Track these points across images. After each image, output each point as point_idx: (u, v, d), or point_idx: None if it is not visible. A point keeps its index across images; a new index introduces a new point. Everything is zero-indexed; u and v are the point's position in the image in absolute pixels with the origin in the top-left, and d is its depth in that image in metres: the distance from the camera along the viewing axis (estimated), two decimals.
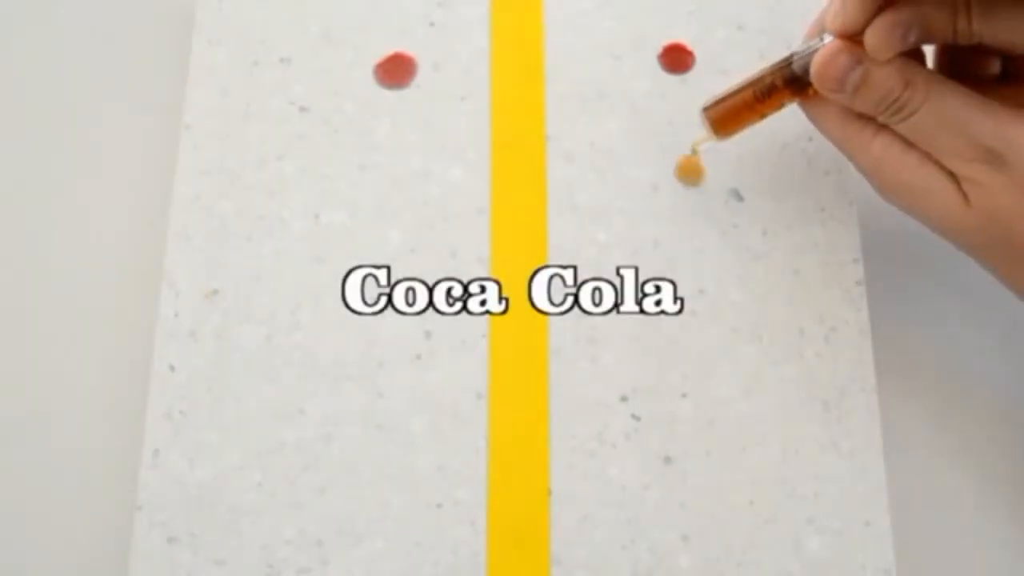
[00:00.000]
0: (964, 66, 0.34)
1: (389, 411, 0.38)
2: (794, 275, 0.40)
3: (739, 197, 0.41)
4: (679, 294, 0.39)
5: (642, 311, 0.39)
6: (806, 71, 0.34)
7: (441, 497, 0.37)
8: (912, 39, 0.31)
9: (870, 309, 0.39)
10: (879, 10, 0.31)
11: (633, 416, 0.38)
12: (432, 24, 0.44)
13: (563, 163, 0.41)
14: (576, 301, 0.39)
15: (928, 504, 0.39)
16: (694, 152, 0.40)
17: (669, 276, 0.39)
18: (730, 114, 0.37)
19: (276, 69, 0.43)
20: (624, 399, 0.38)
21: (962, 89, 0.31)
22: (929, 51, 0.35)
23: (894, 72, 0.31)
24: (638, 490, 0.37)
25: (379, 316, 0.39)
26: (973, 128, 0.30)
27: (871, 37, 0.31)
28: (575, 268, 0.40)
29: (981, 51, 0.33)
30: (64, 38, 0.46)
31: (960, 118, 0.31)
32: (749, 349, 0.39)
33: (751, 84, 0.36)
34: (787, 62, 0.35)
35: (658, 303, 0.39)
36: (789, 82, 0.35)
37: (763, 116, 0.37)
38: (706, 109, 0.37)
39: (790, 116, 0.37)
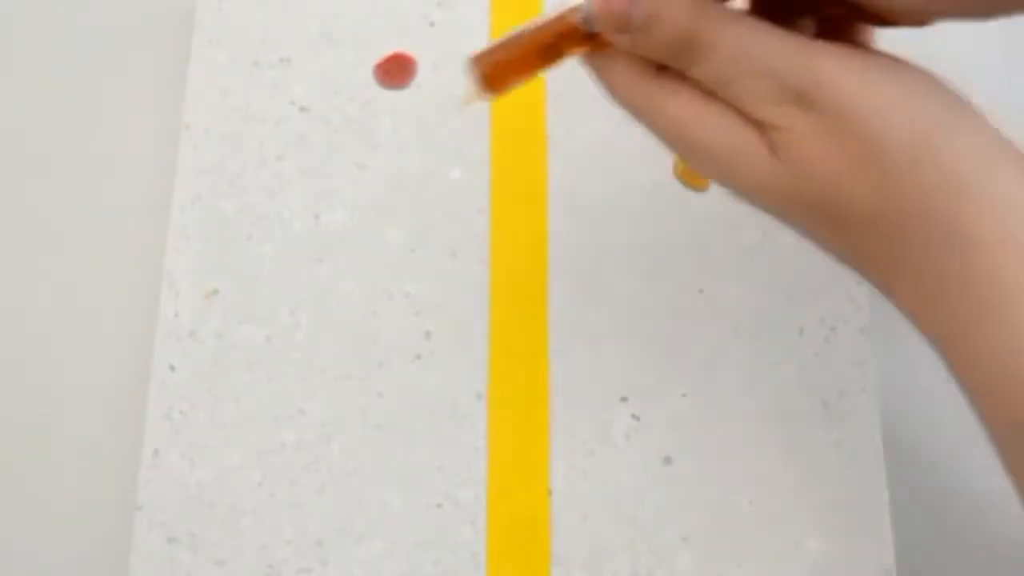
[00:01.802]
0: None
1: (389, 411, 0.38)
2: (794, 275, 0.40)
3: None
4: (679, 294, 0.39)
5: (642, 311, 0.39)
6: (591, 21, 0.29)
7: (441, 497, 0.37)
8: None
9: (870, 309, 0.39)
10: None
11: (633, 416, 0.38)
12: (432, 24, 0.44)
13: (563, 163, 0.41)
14: (576, 301, 0.39)
15: (928, 504, 0.39)
16: (462, 108, 0.35)
17: (669, 276, 0.39)
18: (504, 69, 0.31)
19: (276, 69, 0.43)
20: (624, 399, 0.38)
21: (763, 23, 0.27)
22: None
23: (685, 3, 0.27)
24: (638, 490, 0.37)
25: (379, 316, 0.39)
26: (777, 66, 0.26)
27: None
28: (576, 268, 0.40)
29: (795, 4, 0.29)
30: (64, 38, 0.46)
31: (762, 55, 0.27)
32: (749, 349, 0.39)
33: (529, 35, 0.30)
34: (571, 10, 0.29)
35: (658, 303, 0.39)
36: (573, 32, 0.30)
37: (541, 70, 0.31)
38: (475, 61, 0.31)
39: None
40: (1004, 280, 0.25)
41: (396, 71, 0.43)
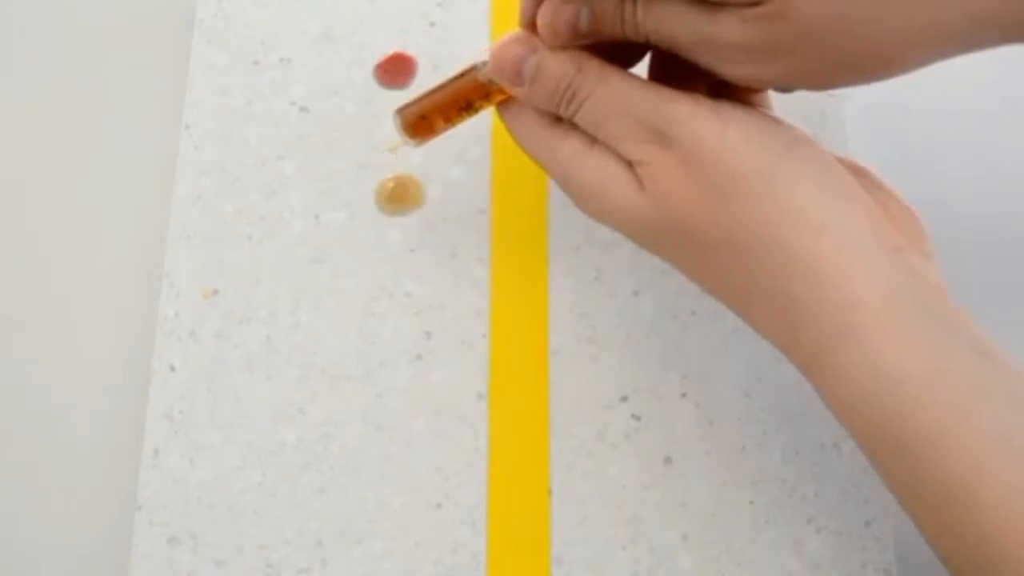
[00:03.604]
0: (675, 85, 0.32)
1: (389, 411, 0.38)
2: None
3: None
4: (680, 294, 0.39)
5: (642, 311, 0.39)
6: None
7: (441, 497, 0.37)
8: (584, 26, 0.30)
9: None
10: None
11: (633, 416, 0.38)
12: (432, 24, 0.44)
13: None
14: (576, 301, 0.39)
15: None
16: (390, 152, 0.40)
17: (670, 276, 0.39)
18: (425, 119, 0.35)
19: (276, 69, 0.43)
20: (624, 399, 0.38)
21: (631, 75, 0.31)
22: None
23: (567, 59, 0.31)
24: (638, 490, 0.37)
25: (379, 316, 0.39)
26: (639, 109, 0.30)
27: (540, 19, 0.31)
28: (576, 268, 0.40)
29: (688, 69, 0.32)
30: (65, 38, 0.46)
31: (626, 100, 0.30)
32: (749, 349, 0.39)
33: (444, 88, 0.34)
34: (474, 66, 0.34)
35: (658, 303, 0.39)
36: (479, 87, 0.34)
37: (459, 119, 0.35)
38: (400, 111, 0.35)
39: (792, 116, 0.37)
40: (854, 307, 0.28)
41: (396, 71, 0.43)
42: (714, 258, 0.30)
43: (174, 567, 0.36)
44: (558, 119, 0.33)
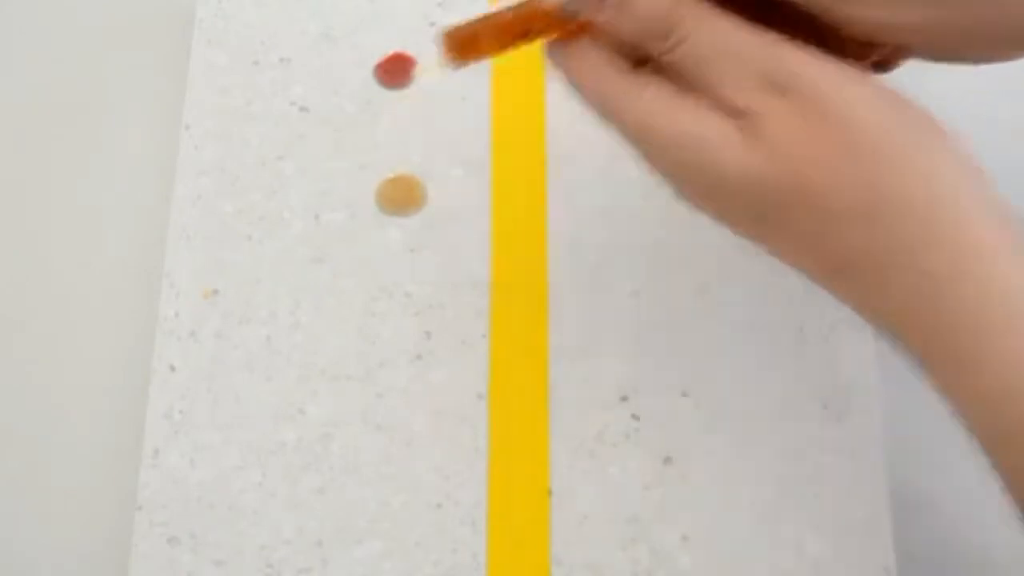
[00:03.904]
0: None
1: (389, 411, 0.38)
2: (794, 274, 0.40)
3: None
4: (679, 294, 0.39)
5: (642, 311, 0.39)
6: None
7: (441, 497, 0.37)
8: None
9: None
10: None
11: (633, 416, 0.38)
12: (432, 24, 0.44)
13: (563, 163, 0.41)
14: (576, 301, 0.39)
15: (928, 503, 0.39)
16: (422, 76, 0.37)
17: (669, 275, 0.39)
18: (473, 38, 0.31)
19: (276, 69, 0.43)
20: (624, 399, 0.38)
21: (737, 17, 0.27)
22: None
23: None
24: (638, 490, 0.37)
25: (379, 316, 0.39)
26: (749, 52, 0.26)
27: None
28: (576, 268, 0.40)
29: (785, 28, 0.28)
30: (64, 38, 0.46)
31: (737, 43, 0.26)
32: (749, 348, 0.39)
33: (501, 14, 0.30)
34: None
35: (658, 303, 0.39)
36: (543, 15, 0.29)
37: (507, 48, 0.31)
38: (449, 30, 0.31)
39: None
40: (1013, 289, 0.24)
41: (396, 71, 0.43)
42: (832, 227, 0.26)
43: (174, 567, 0.36)
44: (636, 65, 0.28)
